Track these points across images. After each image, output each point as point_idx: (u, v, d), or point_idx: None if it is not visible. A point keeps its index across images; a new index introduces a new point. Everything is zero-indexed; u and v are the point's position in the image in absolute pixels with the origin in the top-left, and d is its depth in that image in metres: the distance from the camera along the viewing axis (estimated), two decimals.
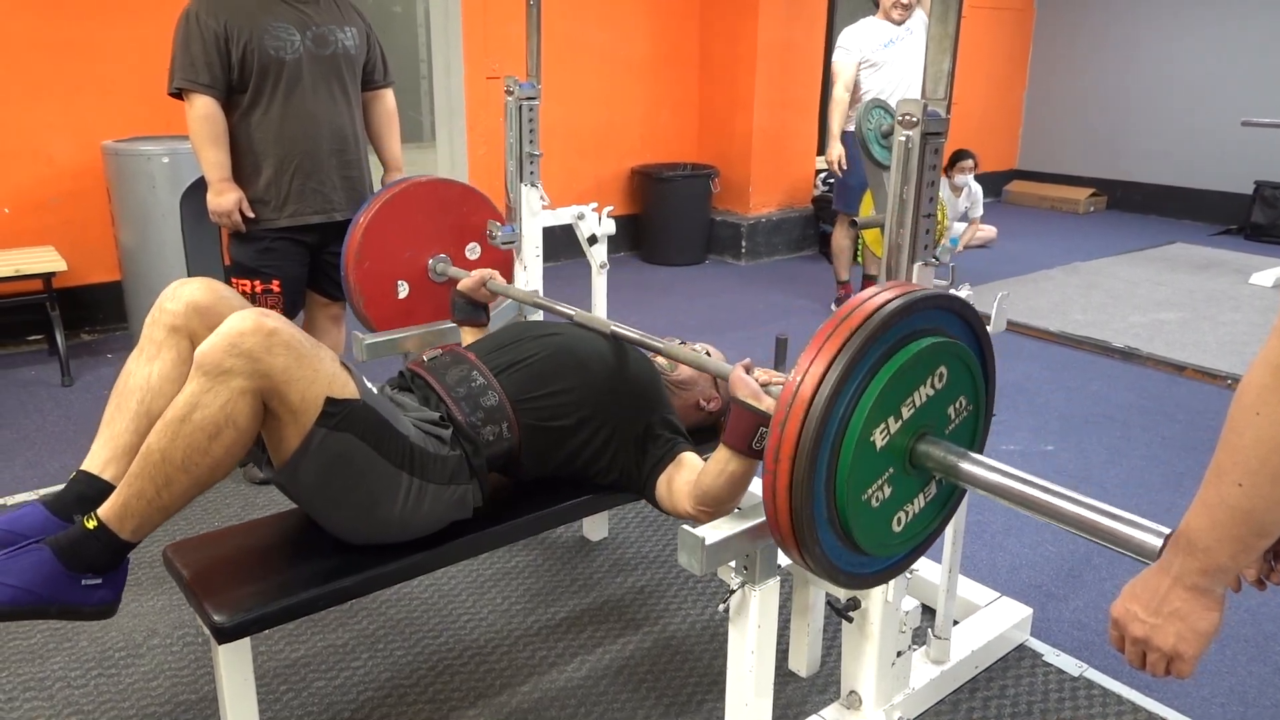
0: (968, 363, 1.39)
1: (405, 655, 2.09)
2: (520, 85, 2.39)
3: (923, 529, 1.44)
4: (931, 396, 1.34)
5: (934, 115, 1.48)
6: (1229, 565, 0.95)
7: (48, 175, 4.06)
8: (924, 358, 1.30)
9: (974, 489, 1.33)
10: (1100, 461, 3.16)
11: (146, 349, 1.64)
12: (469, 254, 2.58)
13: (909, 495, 1.39)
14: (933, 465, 1.35)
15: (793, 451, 1.22)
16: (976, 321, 1.42)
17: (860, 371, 1.25)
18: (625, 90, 5.87)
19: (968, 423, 1.44)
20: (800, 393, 1.23)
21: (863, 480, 1.29)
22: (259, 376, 1.40)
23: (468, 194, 2.59)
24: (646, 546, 2.55)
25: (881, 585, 1.65)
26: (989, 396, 1.47)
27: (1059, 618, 2.28)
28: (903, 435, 1.32)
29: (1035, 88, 8.23)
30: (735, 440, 1.53)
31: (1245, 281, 5.42)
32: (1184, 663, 1.01)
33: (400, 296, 2.51)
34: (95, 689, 1.97)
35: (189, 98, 2.55)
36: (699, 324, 4.63)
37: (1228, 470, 0.91)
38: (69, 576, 1.41)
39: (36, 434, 3.24)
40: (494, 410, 1.75)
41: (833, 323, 1.27)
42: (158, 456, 1.40)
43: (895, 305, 1.27)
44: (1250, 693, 2.04)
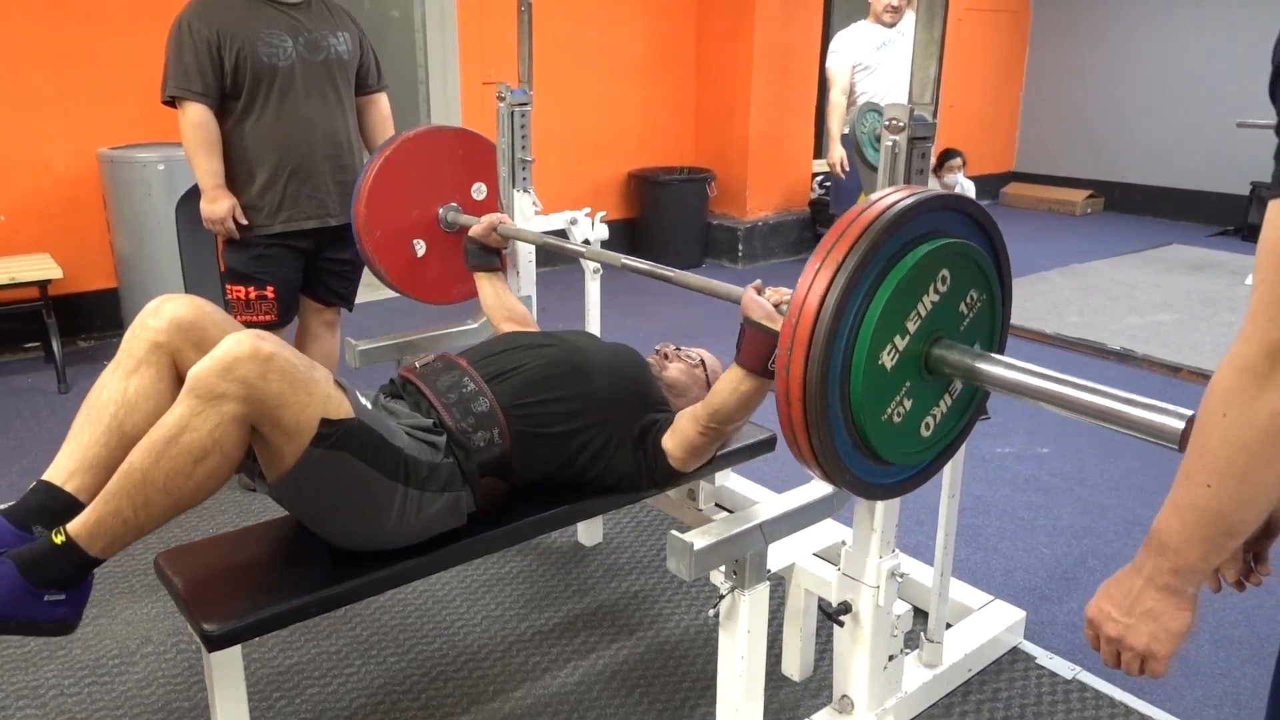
0: (973, 258, 1.35)
1: (399, 661, 2.09)
2: (512, 91, 2.40)
3: (952, 428, 1.43)
4: (936, 302, 1.31)
5: (920, 120, 1.49)
6: (1199, 565, 0.96)
7: (44, 183, 4.06)
8: (921, 268, 1.27)
9: (993, 388, 1.31)
10: (1095, 463, 3.16)
11: (124, 363, 1.60)
12: (475, 195, 2.59)
13: (933, 400, 1.38)
14: (949, 369, 1.33)
15: (801, 393, 1.22)
16: (980, 215, 1.39)
17: (860, 289, 1.23)
18: (622, 94, 5.87)
19: (983, 314, 1.41)
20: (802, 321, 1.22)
21: (878, 403, 1.28)
22: (253, 402, 1.39)
23: (460, 136, 2.60)
24: (640, 551, 2.55)
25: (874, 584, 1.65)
26: (1005, 284, 1.43)
27: (1052, 620, 2.28)
28: (915, 344, 1.30)
29: (1032, 90, 8.23)
30: (750, 360, 1.55)
31: (1242, 283, 5.42)
32: (1157, 662, 1.02)
33: (419, 255, 2.53)
34: (89, 697, 1.97)
35: (182, 105, 2.56)
36: (695, 327, 4.63)
37: (1196, 472, 0.92)
38: (31, 592, 1.36)
39: (32, 441, 3.24)
40: (484, 416, 1.76)
41: (841, 224, 1.25)
42: (139, 476, 1.38)
43: (891, 213, 1.24)
44: (1244, 695, 2.04)
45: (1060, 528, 2.74)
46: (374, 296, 4.95)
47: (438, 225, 2.55)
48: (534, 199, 2.49)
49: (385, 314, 4.77)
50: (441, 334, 2.45)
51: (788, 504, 1.59)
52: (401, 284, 2.53)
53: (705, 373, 2.09)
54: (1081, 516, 2.80)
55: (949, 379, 1.37)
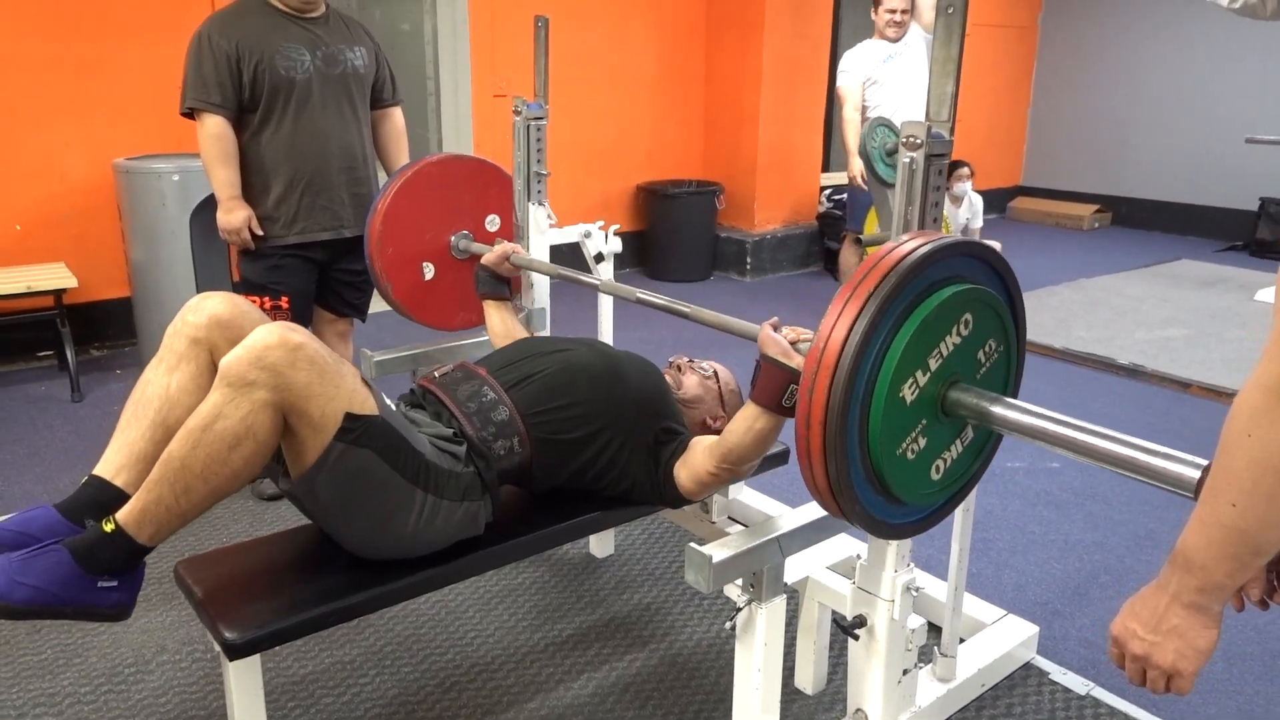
0: (994, 307, 1.37)
1: (413, 672, 2.10)
2: (528, 105, 2.42)
3: (962, 473, 1.44)
4: (958, 344, 1.34)
5: (938, 137, 1.50)
6: (1225, 583, 0.97)
7: (59, 192, 4.10)
8: (946, 308, 1.29)
9: (1007, 432, 1.33)
10: (1106, 478, 3.16)
11: (166, 359, 1.66)
12: (489, 226, 2.60)
13: (945, 443, 1.39)
14: (965, 412, 1.34)
15: (823, 417, 1.23)
16: (1001, 265, 1.41)
17: (892, 315, 1.25)
18: (631, 107, 5.91)
19: (999, 365, 1.43)
20: (825, 356, 1.23)
21: (895, 437, 1.29)
22: (281, 390, 1.42)
23: (480, 167, 2.61)
24: (653, 563, 2.56)
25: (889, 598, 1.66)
26: (1020, 337, 1.46)
27: (1065, 636, 2.28)
28: (933, 384, 1.32)
29: (1039, 104, 8.26)
30: (765, 398, 1.55)
31: (1251, 298, 5.42)
32: (1183, 679, 1.02)
33: (426, 278, 2.54)
34: (105, 705, 1.98)
35: (200, 117, 2.58)
36: (704, 340, 4.63)
37: (1222, 490, 0.93)
38: (86, 578, 1.43)
39: (46, 449, 3.26)
40: (505, 425, 1.77)
41: (864, 268, 1.26)
42: (178, 464, 1.42)
43: (926, 250, 1.27)
44: (1257, 711, 2.04)
45: (1072, 542, 2.74)
46: (386, 307, 4.97)
47: (449, 251, 2.57)
48: (549, 212, 2.51)
49: (397, 324, 4.76)
50: (457, 345, 2.46)
51: (805, 517, 1.60)
52: (406, 304, 2.54)
53: (718, 384, 2.10)
54: (1093, 531, 2.80)
55: (963, 423, 1.39)
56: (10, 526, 1.52)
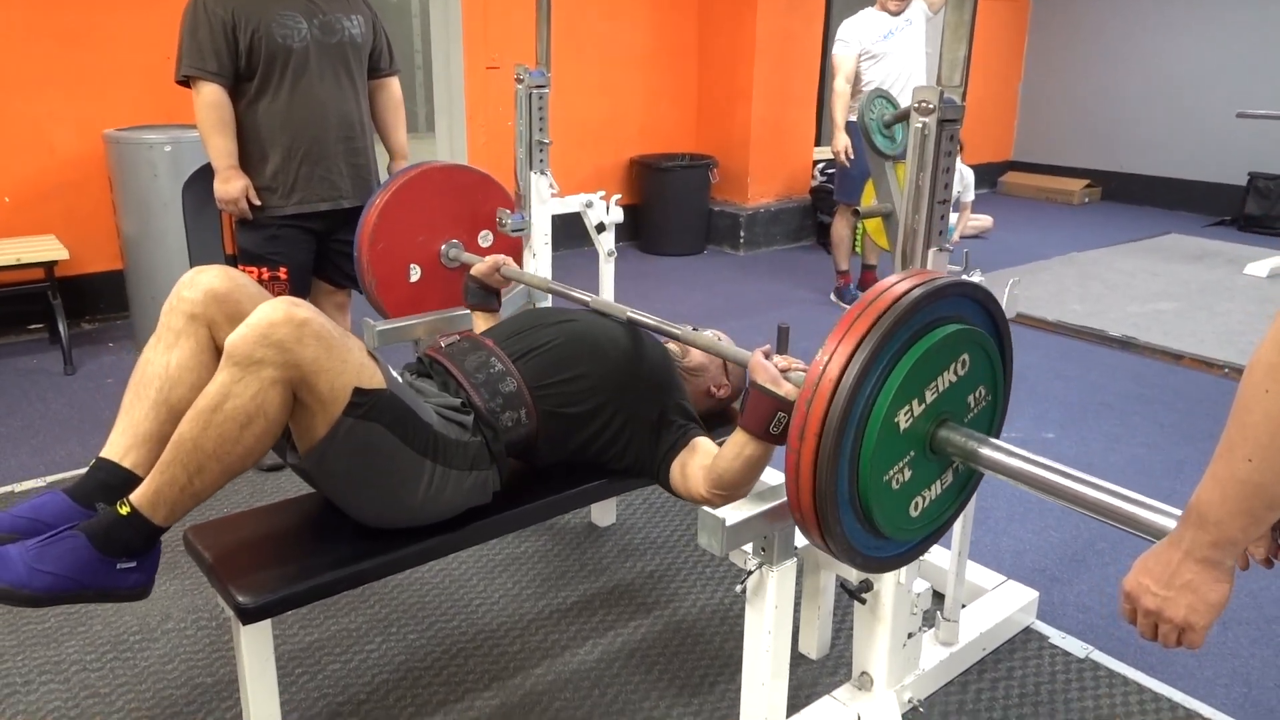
0: (988, 351, 1.42)
1: (419, 639, 2.11)
2: (530, 73, 2.40)
3: (939, 514, 1.47)
4: (954, 383, 1.37)
5: (950, 102, 1.50)
6: (1239, 538, 0.99)
7: (49, 164, 4.05)
8: (949, 343, 1.32)
9: (993, 474, 1.36)
10: (1100, 449, 3.19)
11: (164, 337, 1.63)
12: (482, 241, 2.59)
13: (928, 480, 1.41)
14: (953, 450, 1.38)
15: (818, 430, 1.25)
16: (998, 311, 1.45)
17: (886, 354, 1.27)
18: (624, 80, 5.87)
19: (985, 412, 1.47)
20: (827, 373, 1.25)
21: (885, 462, 1.31)
22: (289, 367, 1.42)
23: (483, 181, 2.59)
24: (654, 532, 2.57)
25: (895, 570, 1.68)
26: (1006, 387, 1.49)
27: (1064, 601, 2.31)
28: (924, 420, 1.35)
29: (1031, 79, 8.25)
30: (753, 425, 1.55)
31: (1240, 272, 5.46)
32: (1195, 633, 1.04)
33: (412, 280, 2.51)
34: (111, 672, 1.98)
35: (196, 85, 2.55)
36: (698, 314, 4.65)
37: (1238, 445, 0.94)
38: (105, 561, 1.43)
39: (40, 422, 3.24)
40: (512, 396, 1.77)
41: (859, 306, 1.29)
42: (190, 445, 1.42)
43: (921, 291, 1.29)
44: (1254, 674, 2.07)
45: (1068, 511, 2.74)
46: None
47: (438, 259, 2.54)
48: (551, 181, 2.50)
49: None
50: (460, 314, 2.45)
51: None
52: (386, 302, 2.50)
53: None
54: None
55: (947, 463, 1.42)
56: (22, 514, 1.51)
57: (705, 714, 1.89)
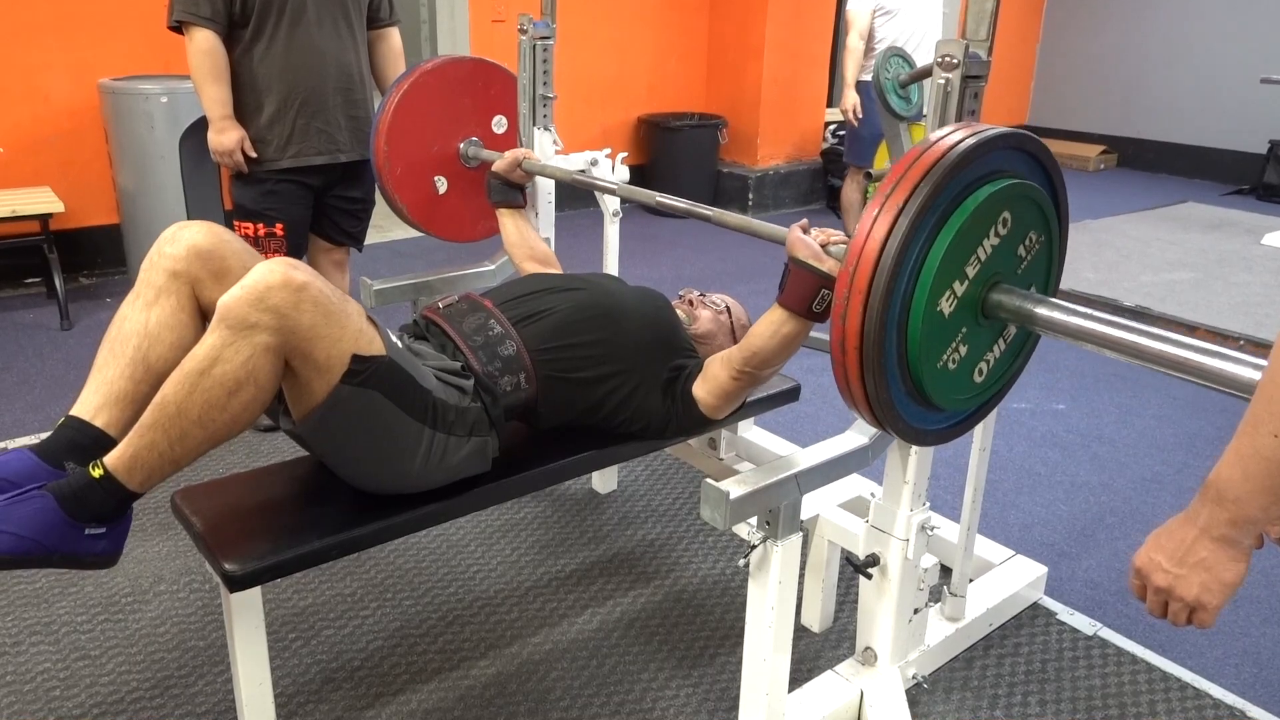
0: (1036, 199, 1.31)
1: (414, 605, 2.07)
2: (535, 24, 2.31)
3: (1004, 373, 1.40)
4: (996, 245, 1.27)
5: (975, 57, 1.42)
6: (1259, 516, 0.95)
7: (44, 114, 3.96)
8: (984, 211, 1.23)
9: (1053, 335, 1.27)
10: (1112, 421, 3.14)
11: (144, 294, 1.56)
12: (496, 128, 2.51)
13: (987, 345, 1.34)
14: (1006, 315, 1.29)
15: (858, 340, 1.18)
16: (1044, 154, 1.34)
17: (921, 234, 1.18)
18: (633, 38, 5.74)
19: (1041, 257, 1.37)
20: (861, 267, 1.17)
21: (935, 351, 1.25)
22: (285, 333, 1.35)
23: (478, 67, 2.51)
24: (656, 500, 2.53)
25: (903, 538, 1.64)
26: (1063, 227, 1.40)
27: (1072, 576, 2.27)
28: (973, 289, 1.26)
29: (1049, 41, 8.07)
30: (794, 302, 1.50)
31: (1258, 242, 5.35)
32: (1206, 613, 1.01)
33: (440, 192, 2.46)
34: (102, 634, 1.95)
35: (189, 31, 2.46)
36: (705, 277, 4.57)
37: (1264, 421, 0.90)
38: (72, 525, 1.36)
39: (36, 377, 3.20)
40: (511, 360, 1.71)
41: (905, 161, 1.20)
42: (173, 409, 1.35)
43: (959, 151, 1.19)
44: (1264, 654, 2.03)
45: (1078, 484, 2.72)
46: (381, 239, 4.88)
47: (459, 161, 2.47)
48: (555, 137, 2.42)
49: (392, 256, 4.71)
50: (459, 274, 2.39)
51: (823, 455, 1.55)
52: (423, 221, 2.46)
53: (730, 320, 2.05)
54: (1099, 473, 2.78)
55: (1004, 324, 1.33)
56: None
57: (705, 686, 1.86)
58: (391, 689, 1.83)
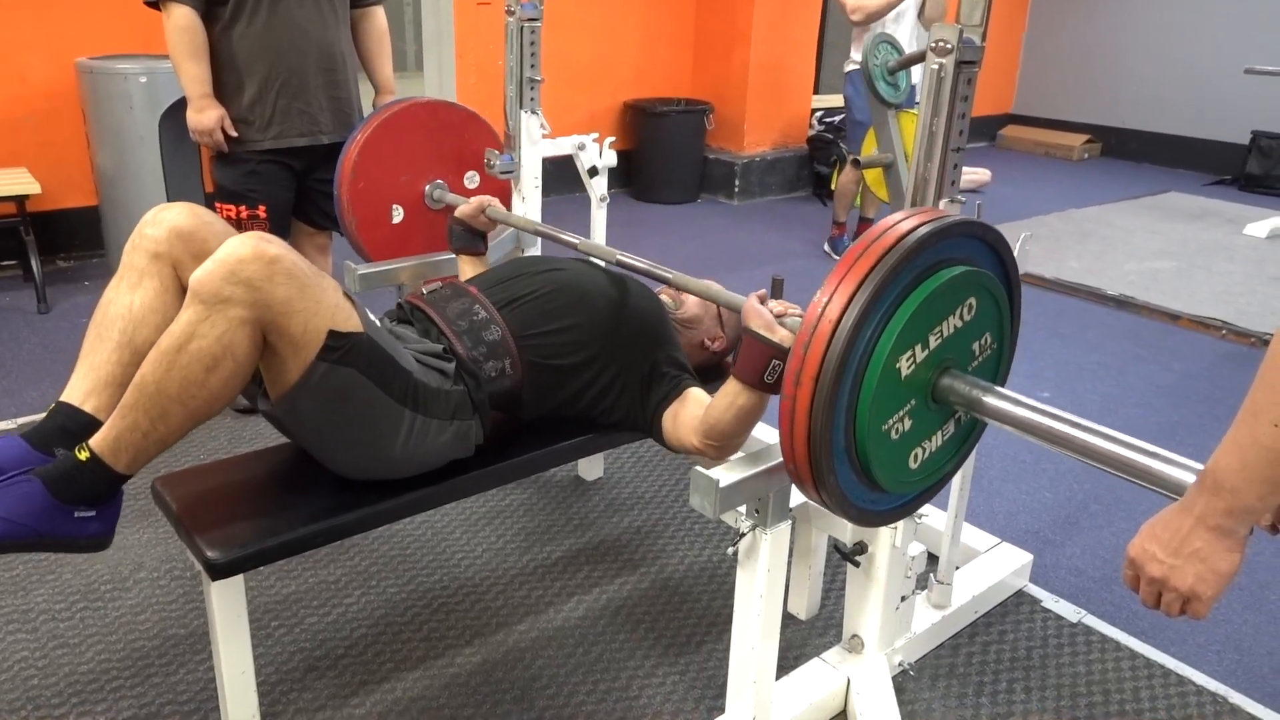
0: (996, 297, 1.33)
1: (399, 592, 2.06)
2: (522, 5, 2.28)
3: (938, 468, 1.40)
4: (959, 328, 1.29)
5: (969, 43, 1.41)
6: (1256, 506, 0.95)
7: (19, 94, 3.88)
8: (956, 285, 1.24)
9: (999, 424, 1.28)
10: (1096, 409, 3.15)
11: (127, 276, 1.55)
12: (468, 183, 2.48)
13: (928, 431, 1.34)
14: (956, 399, 1.30)
15: (815, 375, 1.17)
16: (1008, 255, 1.36)
17: (889, 296, 1.19)
18: (620, 21, 5.69)
19: (990, 362, 1.39)
20: (826, 314, 1.17)
21: (885, 410, 1.24)
22: (259, 306, 1.33)
23: (470, 120, 2.48)
24: (642, 487, 2.52)
25: (892, 525, 1.63)
26: (1014, 336, 1.42)
27: (1057, 564, 2.28)
28: (926, 368, 1.27)
29: (1035, 30, 8.07)
30: (746, 373, 1.48)
31: (1239, 232, 5.39)
32: (1201, 603, 1.00)
33: (395, 221, 2.41)
34: (81, 622, 1.92)
35: (166, 8, 2.41)
36: (692, 264, 4.54)
37: (1264, 410, 0.90)
38: (61, 509, 1.36)
39: (13, 362, 3.15)
40: (496, 345, 1.69)
41: (861, 245, 1.20)
42: (152, 388, 1.34)
43: (928, 230, 1.20)
44: (1245, 641, 2.05)
45: (1062, 472, 2.73)
46: None
47: (422, 199, 2.43)
48: (542, 121, 2.39)
49: None
50: (444, 259, 2.36)
51: None
52: (367, 244, 2.40)
53: (717, 305, 2.03)
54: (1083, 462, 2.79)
55: (949, 413, 1.34)
56: None
57: (692, 673, 1.85)
58: (376, 677, 1.81)
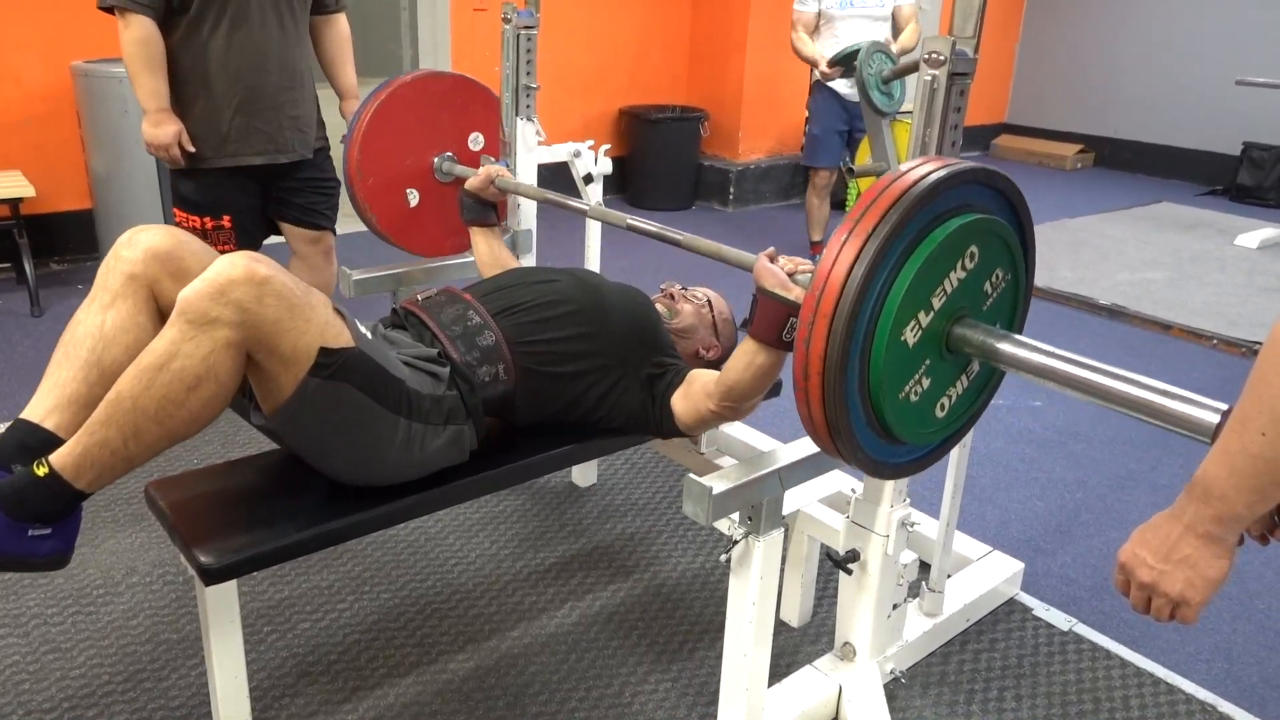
0: (1003, 236, 1.31)
1: (392, 598, 2.06)
2: (518, 13, 2.29)
3: (965, 410, 1.40)
4: (963, 279, 1.27)
5: (962, 55, 1.42)
6: (1244, 514, 0.96)
7: (14, 97, 3.88)
8: (951, 244, 1.22)
9: (1014, 371, 1.27)
10: (1087, 418, 3.16)
11: (99, 297, 1.53)
12: (472, 145, 2.48)
13: (950, 380, 1.34)
14: (970, 350, 1.29)
15: (821, 363, 1.17)
16: (1012, 192, 1.34)
17: (887, 266, 1.17)
18: (615, 28, 5.71)
19: (1006, 294, 1.36)
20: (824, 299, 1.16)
21: (897, 382, 1.24)
22: (247, 328, 1.32)
23: (458, 83, 2.47)
24: (636, 493, 2.52)
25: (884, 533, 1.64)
26: (1029, 266, 1.39)
27: (1048, 572, 2.29)
28: (937, 322, 1.26)
29: (1028, 40, 8.11)
30: (764, 332, 1.49)
31: (1231, 243, 5.42)
32: (1189, 609, 1.02)
33: (411, 204, 2.42)
34: (73, 626, 1.92)
35: (124, 17, 2.32)
36: (684, 270, 4.54)
37: (1252, 419, 0.91)
38: (14, 526, 1.32)
39: (5, 365, 3.14)
40: (490, 351, 1.70)
41: (871, 194, 1.18)
42: (129, 404, 1.31)
43: (926, 184, 1.18)
44: (1235, 649, 2.06)
45: (1054, 480, 2.74)
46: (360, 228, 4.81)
47: (432, 175, 2.44)
48: (538, 128, 2.40)
49: (372, 246, 4.63)
50: (440, 265, 2.37)
51: (805, 450, 1.55)
52: (392, 234, 2.42)
53: (712, 313, 2.04)
54: (1075, 470, 2.81)
55: (968, 359, 1.33)
56: None
57: (684, 681, 1.86)
58: (368, 683, 1.81)
